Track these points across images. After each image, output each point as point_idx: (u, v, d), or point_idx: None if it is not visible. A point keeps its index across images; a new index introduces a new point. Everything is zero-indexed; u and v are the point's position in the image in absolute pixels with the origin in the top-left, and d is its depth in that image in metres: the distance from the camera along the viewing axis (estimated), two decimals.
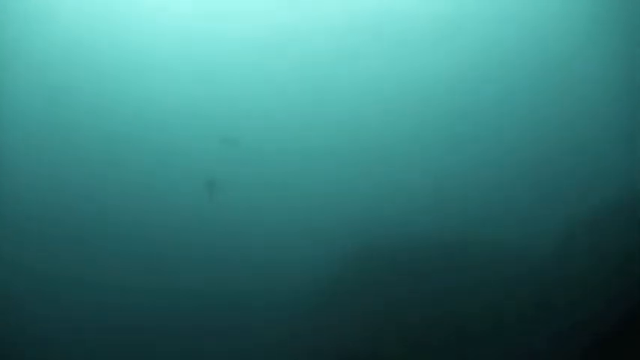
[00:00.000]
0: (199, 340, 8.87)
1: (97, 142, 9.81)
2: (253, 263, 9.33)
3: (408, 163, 9.89)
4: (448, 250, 9.22)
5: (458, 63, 10.50)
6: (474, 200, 9.55)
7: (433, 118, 10.21)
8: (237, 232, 9.55)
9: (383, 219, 9.48)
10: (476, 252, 9.16)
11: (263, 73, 10.57)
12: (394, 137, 10.08)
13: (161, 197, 9.64)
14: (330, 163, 10.10)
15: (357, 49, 10.61)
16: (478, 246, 9.21)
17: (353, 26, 10.72)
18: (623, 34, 10.51)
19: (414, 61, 10.58)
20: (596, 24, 10.61)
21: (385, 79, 10.52)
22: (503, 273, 8.94)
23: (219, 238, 9.47)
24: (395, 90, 10.36)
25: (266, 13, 10.91)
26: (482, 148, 9.93)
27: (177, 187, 9.64)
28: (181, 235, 9.44)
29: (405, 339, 8.84)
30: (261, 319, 8.96)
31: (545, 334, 8.62)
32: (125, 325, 8.81)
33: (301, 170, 10.01)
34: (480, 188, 9.63)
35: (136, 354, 8.66)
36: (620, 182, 9.29)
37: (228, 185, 9.78)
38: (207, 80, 10.46)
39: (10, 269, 8.98)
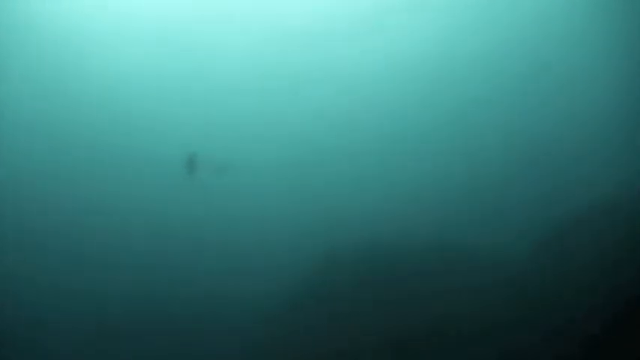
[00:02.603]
0: (172, 340, 8.96)
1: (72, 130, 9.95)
2: (231, 260, 9.38)
3: (383, 166, 9.77)
4: (423, 254, 9.11)
5: (442, 62, 10.28)
6: (449, 204, 9.38)
7: (411, 121, 10.04)
8: (214, 228, 9.60)
9: (358, 223, 9.41)
10: (451, 256, 9.03)
11: (250, 72, 10.61)
12: (369, 140, 9.96)
13: (137, 181, 9.69)
14: (317, 164, 10.09)
15: (342, 44, 10.51)
16: (454, 250, 9.07)
17: (344, 25, 10.63)
18: (623, 29, 10.06)
19: (396, 55, 10.39)
20: (594, 18, 10.20)
21: (373, 79, 10.39)
22: (478, 278, 8.79)
23: (192, 234, 9.52)
24: (376, 93, 10.23)
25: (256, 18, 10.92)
26: (460, 151, 9.72)
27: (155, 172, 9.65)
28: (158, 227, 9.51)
29: (382, 344, 8.80)
30: (236, 321, 9.02)
31: (522, 341, 8.46)
32: (94, 321, 8.97)
33: (286, 164, 10.00)
34: (456, 192, 9.44)
35: (106, 351, 8.81)
36: (606, 186, 9.00)
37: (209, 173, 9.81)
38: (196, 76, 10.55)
39: None
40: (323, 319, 8.94)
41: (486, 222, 9.06)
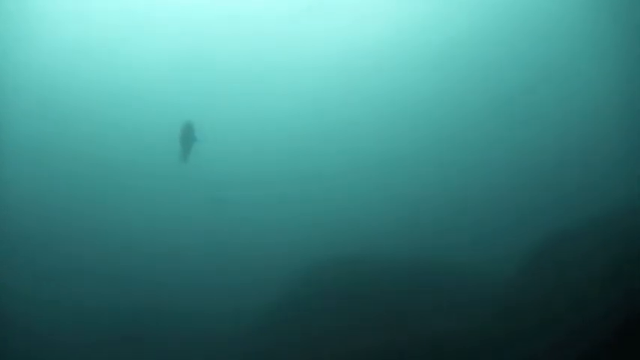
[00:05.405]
0: (160, 354, 9.05)
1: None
2: (220, 275, 9.47)
3: (371, 186, 9.74)
4: (410, 272, 9.09)
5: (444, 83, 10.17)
6: (438, 222, 9.34)
7: (408, 140, 9.98)
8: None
9: (346, 240, 9.43)
10: (440, 273, 9.00)
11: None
12: (360, 161, 9.93)
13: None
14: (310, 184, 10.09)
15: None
16: (442, 267, 9.05)
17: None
18: (625, 38, 9.80)
19: (396, 74, 10.33)
20: (595, 28, 9.96)
21: (373, 98, 10.33)
22: (466, 295, 8.75)
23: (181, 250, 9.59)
24: (374, 110, 10.19)
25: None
26: (449, 172, 9.65)
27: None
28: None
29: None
30: (225, 335, 9.10)
31: (510, 357, 8.39)
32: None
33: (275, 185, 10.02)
34: (445, 210, 9.39)
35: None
36: (593, 205, 8.84)
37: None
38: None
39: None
40: (311, 332, 8.99)
41: (475, 240, 9.02)
